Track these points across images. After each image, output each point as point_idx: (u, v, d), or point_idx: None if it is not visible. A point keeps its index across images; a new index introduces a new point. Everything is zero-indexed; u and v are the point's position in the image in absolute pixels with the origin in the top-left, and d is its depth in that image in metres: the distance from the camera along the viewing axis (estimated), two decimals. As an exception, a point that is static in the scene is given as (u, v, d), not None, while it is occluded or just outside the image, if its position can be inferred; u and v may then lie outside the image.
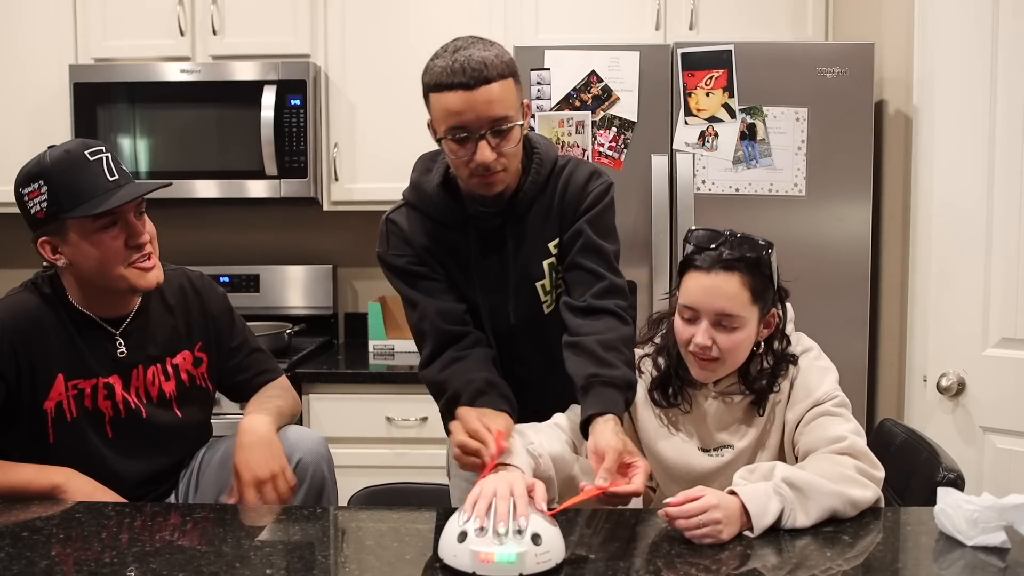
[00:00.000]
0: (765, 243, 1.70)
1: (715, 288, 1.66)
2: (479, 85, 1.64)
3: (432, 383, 1.84)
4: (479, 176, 1.72)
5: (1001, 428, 2.41)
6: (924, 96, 2.55)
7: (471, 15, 3.21)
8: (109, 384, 1.82)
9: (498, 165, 1.71)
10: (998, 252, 2.39)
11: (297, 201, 3.27)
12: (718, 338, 1.67)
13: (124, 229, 1.76)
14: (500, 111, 1.67)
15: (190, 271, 2.00)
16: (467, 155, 1.70)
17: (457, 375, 1.77)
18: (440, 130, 1.71)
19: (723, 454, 1.76)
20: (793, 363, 1.74)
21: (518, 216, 1.84)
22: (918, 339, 2.57)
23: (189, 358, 1.93)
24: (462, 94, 1.65)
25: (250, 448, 1.77)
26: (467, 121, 1.67)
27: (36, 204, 1.74)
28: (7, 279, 3.56)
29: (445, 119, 1.68)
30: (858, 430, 1.67)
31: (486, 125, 1.67)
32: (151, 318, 1.90)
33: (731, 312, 1.66)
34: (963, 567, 1.40)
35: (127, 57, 3.26)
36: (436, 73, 1.68)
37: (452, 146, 1.71)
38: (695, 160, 2.77)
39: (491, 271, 1.86)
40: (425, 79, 1.72)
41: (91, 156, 1.75)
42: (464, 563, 1.35)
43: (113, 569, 1.39)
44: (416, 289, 1.85)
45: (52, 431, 1.78)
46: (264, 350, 2.08)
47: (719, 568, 1.38)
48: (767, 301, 1.71)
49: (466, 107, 1.65)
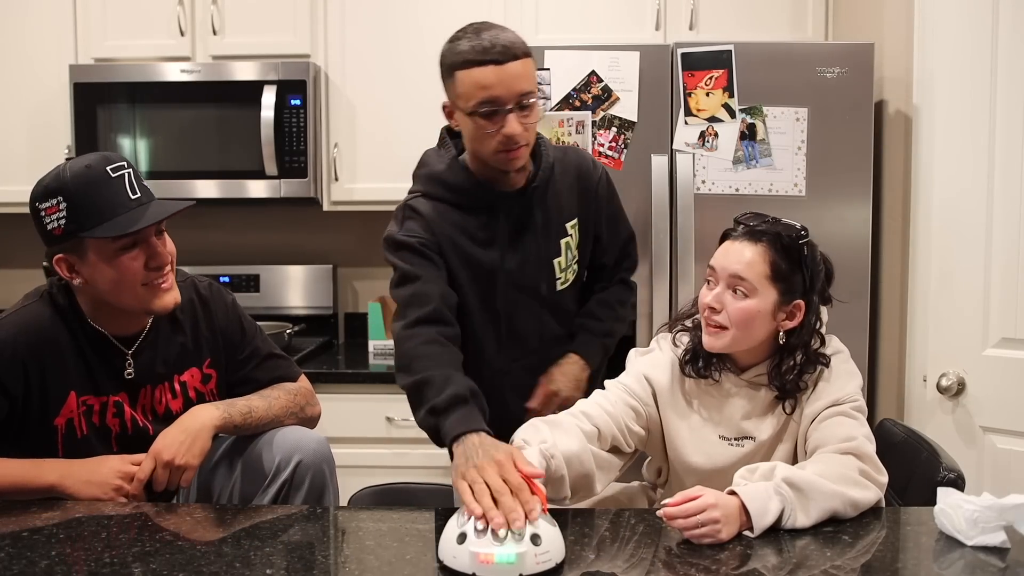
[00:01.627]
0: (801, 231, 1.74)
1: (734, 251, 1.73)
2: (508, 61, 1.76)
3: (406, 350, 1.79)
4: (504, 151, 1.81)
5: (1001, 428, 2.42)
6: (924, 96, 2.55)
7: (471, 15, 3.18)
8: (118, 402, 1.81)
9: (523, 139, 1.81)
10: (998, 252, 2.39)
11: (297, 201, 3.27)
12: (728, 303, 1.71)
13: (144, 250, 1.72)
14: (526, 86, 1.78)
15: (198, 281, 1.96)
16: (495, 129, 1.79)
17: (435, 361, 1.73)
18: (469, 106, 1.78)
19: (743, 445, 1.76)
20: (825, 364, 1.75)
21: (538, 196, 1.95)
22: (918, 339, 2.57)
23: (197, 375, 1.90)
24: (493, 68, 1.75)
25: (176, 429, 1.76)
26: (498, 95, 1.76)
27: (54, 221, 1.69)
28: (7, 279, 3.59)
29: (475, 94, 1.76)
30: (869, 436, 1.67)
31: (514, 99, 1.77)
32: (160, 336, 1.86)
33: (743, 276, 1.70)
34: (963, 567, 1.40)
35: (127, 57, 3.27)
36: (463, 52, 1.77)
37: (481, 121, 1.79)
38: (695, 160, 2.77)
39: (517, 249, 1.95)
40: (449, 59, 1.81)
41: (113, 173, 1.70)
42: (464, 564, 1.35)
43: (113, 569, 1.40)
44: (419, 268, 1.87)
45: (62, 447, 1.77)
46: (279, 354, 2.02)
47: (719, 568, 1.38)
48: (791, 287, 1.72)
49: (497, 81, 1.75)
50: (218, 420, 1.80)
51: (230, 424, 1.82)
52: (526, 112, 1.80)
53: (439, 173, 1.94)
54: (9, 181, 3.25)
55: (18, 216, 3.55)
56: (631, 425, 1.78)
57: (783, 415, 1.76)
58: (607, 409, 1.77)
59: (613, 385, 1.84)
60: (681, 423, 1.80)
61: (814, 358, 1.75)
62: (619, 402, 1.79)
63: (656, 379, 1.83)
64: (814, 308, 1.76)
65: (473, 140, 1.85)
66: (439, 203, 1.92)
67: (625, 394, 1.81)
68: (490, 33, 1.78)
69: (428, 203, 1.92)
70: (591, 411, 1.76)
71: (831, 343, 1.81)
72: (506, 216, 1.94)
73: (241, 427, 1.84)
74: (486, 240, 1.94)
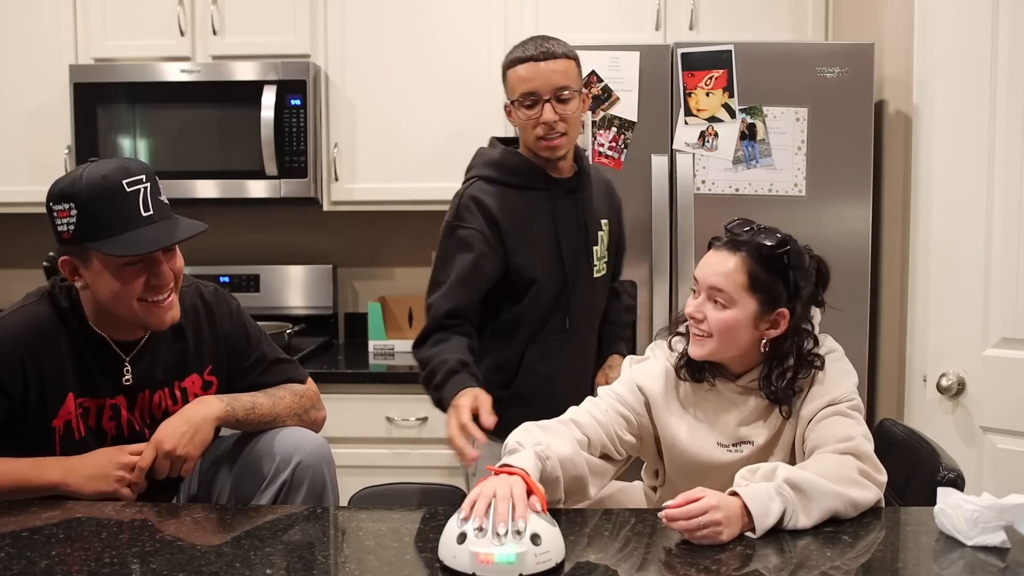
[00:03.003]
0: (783, 240, 1.73)
1: (714, 263, 1.75)
2: (545, 59, 2.04)
3: (420, 360, 2.09)
4: (544, 138, 2.08)
5: (1001, 428, 2.41)
6: (924, 96, 2.55)
7: (471, 15, 3.21)
8: (115, 405, 1.81)
9: (560, 127, 2.06)
10: (998, 252, 2.39)
11: (297, 201, 3.27)
12: (708, 313, 1.74)
13: (147, 268, 1.71)
14: (562, 81, 2.05)
15: (203, 287, 1.94)
16: (535, 116, 2.05)
17: (436, 354, 2.02)
18: (514, 97, 2.08)
19: (742, 451, 1.76)
20: (819, 367, 1.75)
21: (582, 187, 2.21)
22: (918, 339, 2.57)
23: (198, 382, 1.89)
24: (531, 64, 2.05)
25: (179, 419, 1.77)
26: (535, 87, 2.04)
27: (64, 224, 1.68)
28: (7, 279, 3.59)
29: (518, 87, 2.06)
30: (867, 435, 1.67)
31: (551, 91, 2.04)
32: (161, 343, 1.85)
33: (721, 287, 1.72)
34: (963, 567, 1.40)
35: (127, 57, 3.26)
36: (514, 54, 2.08)
37: (524, 111, 2.07)
38: (695, 160, 2.77)
39: (571, 225, 2.18)
40: (504, 63, 2.11)
41: (128, 187, 1.67)
42: (464, 564, 1.35)
43: (113, 569, 1.40)
44: (458, 264, 2.08)
45: (59, 448, 1.77)
46: (286, 358, 2.01)
47: (719, 568, 1.38)
48: (771, 296, 1.72)
49: (534, 75, 2.04)
50: (220, 412, 1.80)
51: (232, 418, 1.82)
52: (563, 104, 2.05)
53: (494, 159, 2.16)
54: (9, 181, 3.24)
55: (18, 216, 3.56)
56: (621, 434, 1.79)
57: (779, 418, 1.76)
58: (597, 418, 1.77)
59: (605, 393, 1.85)
60: (678, 430, 1.80)
61: (807, 360, 1.75)
62: (609, 410, 1.80)
63: (649, 388, 1.83)
64: (799, 315, 1.75)
65: (522, 131, 2.12)
66: (496, 185, 2.13)
67: (616, 402, 1.82)
68: (539, 39, 2.08)
69: (486, 185, 2.13)
70: (581, 419, 1.76)
71: (825, 342, 1.80)
72: (558, 196, 2.16)
73: (243, 422, 1.84)
74: (543, 216, 2.15)
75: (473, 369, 1.99)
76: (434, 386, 1.99)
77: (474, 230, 2.08)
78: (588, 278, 2.22)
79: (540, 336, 2.16)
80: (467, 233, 2.09)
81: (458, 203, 2.12)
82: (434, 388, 1.99)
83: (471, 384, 1.92)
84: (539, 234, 2.14)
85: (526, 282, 2.12)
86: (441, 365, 1.98)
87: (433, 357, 2.01)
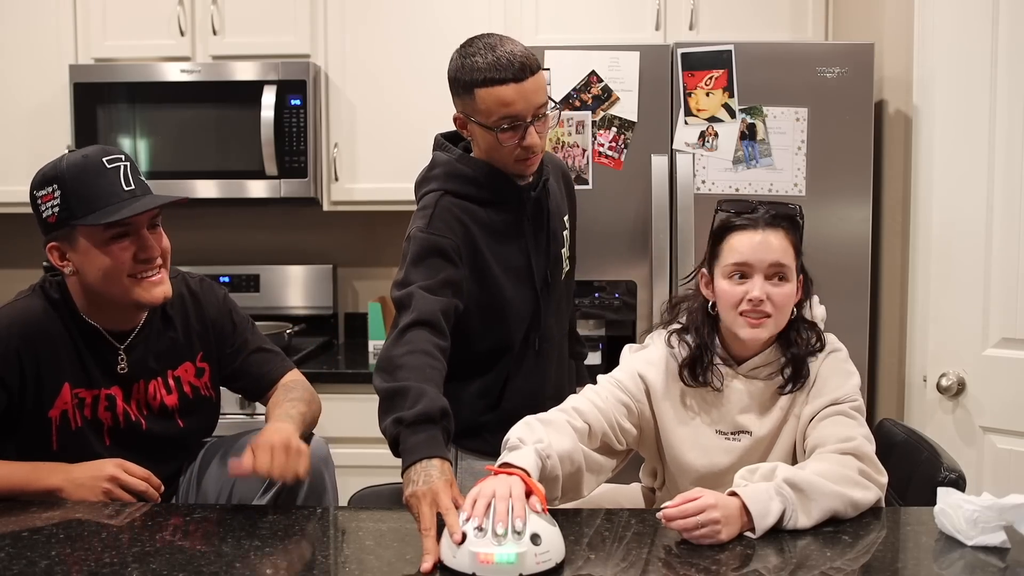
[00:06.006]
0: (796, 206, 1.83)
1: (767, 243, 1.75)
2: (527, 77, 1.80)
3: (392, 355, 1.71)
4: (523, 160, 1.88)
5: (1001, 428, 2.42)
6: (924, 96, 2.55)
7: (471, 16, 3.21)
8: (111, 395, 1.82)
9: (540, 147, 1.88)
10: (998, 252, 2.39)
11: (297, 201, 3.27)
12: (771, 292, 1.74)
13: (135, 242, 1.73)
14: (543, 98, 1.84)
15: (188, 276, 1.96)
16: (515, 141, 1.84)
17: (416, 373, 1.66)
18: (490, 121, 1.83)
19: (740, 439, 1.76)
20: (820, 347, 1.79)
21: (545, 191, 2.02)
22: (918, 339, 2.57)
23: (191, 369, 1.90)
24: (514, 86, 1.79)
25: (271, 433, 1.71)
26: (519, 110, 1.81)
27: (48, 208, 1.72)
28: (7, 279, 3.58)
29: (497, 110, 1.81)
30: (869, 436, 1.67)
31: (533, 112, 1.83)
32: (152, 332, 1.87)
33: (783, 262, 1.75)
34: (963, 567, 1.40)
35: (127, 57, 3.27)
36: (483, 69, 1.80)
37: (504, 135, 1.83)
38: (695, 160, 2.77)
39: (539, 238, 2.02)
40: (466, 76, 1.82)
41: (108, 164, 1.72)
42: (464, 564, 1.35)
43: (113, 569, 1.40)
44: (432, 268, 1.82)
45: (56, 439, 1.78)
46: (269, 348, 2.01)
47: (719, 568, 1.38)
48: (800, 262, 1.80)
49: (518, 97, 1.80)
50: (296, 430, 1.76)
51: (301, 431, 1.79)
52: (542, 122, 1.86)
53: (459, 170, 1.93)
54: (9, 181, 3.24)
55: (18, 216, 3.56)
56: (622, 422, 1.78)
57: (780, 411, 1.76)
58: (598, 405, 1.77)
59: (605, 381, 1.84)
60: (676, 419, 1.80)
61: (812, 326, 1.81)
62: (610, 398, 1.79)
63: (650, 376, 1.82)
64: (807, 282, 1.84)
65: (490, 150, 1.89)
66: (463, 200, 1.91)
67: (617, 390, 1.81)
68: (504, 48, 1.81)
69: (453, 200, 1.91)
70: (582, 407, 1.75)
71: (829, 341, 1.81)
72: (526, 209, 1.98)
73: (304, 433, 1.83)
74: (513, 234, 1.97)
75: (449, 423, 1.61)
76: (397, 419, 1.59)
77: (454, 243, 1.87)
78: (556, 284, 2.08)
79: (518, 354, 2.01)
80: (448, 243, 1.86)
81: (431, 214, 1.89)
82: (396, 421, 1.59)
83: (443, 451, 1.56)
84: (511, 256, 1.96)
85: (500, 305, 1.95)
86: (418, 398, 1.60)
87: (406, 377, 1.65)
